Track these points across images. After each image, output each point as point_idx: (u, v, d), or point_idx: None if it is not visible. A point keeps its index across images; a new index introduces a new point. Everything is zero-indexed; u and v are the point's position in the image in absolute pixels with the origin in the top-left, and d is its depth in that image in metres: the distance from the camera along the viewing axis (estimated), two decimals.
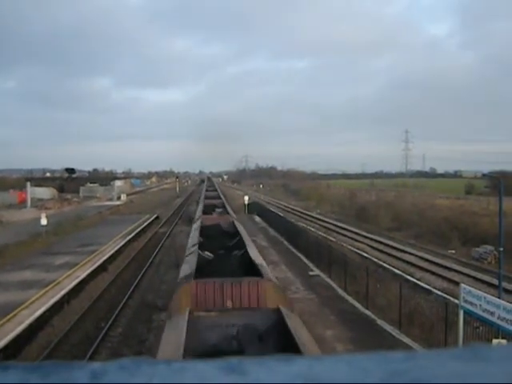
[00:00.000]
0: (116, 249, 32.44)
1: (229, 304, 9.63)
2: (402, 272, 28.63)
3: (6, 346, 15.40)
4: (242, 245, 15.37)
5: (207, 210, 30.82)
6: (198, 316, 8.56)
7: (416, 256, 34.95)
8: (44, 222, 38.06)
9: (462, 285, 15.10)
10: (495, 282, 23.79)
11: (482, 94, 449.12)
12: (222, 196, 54.04)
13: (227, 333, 8.40)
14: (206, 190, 67.01)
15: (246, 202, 60.22)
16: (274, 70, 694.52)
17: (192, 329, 7.67)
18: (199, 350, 7.72)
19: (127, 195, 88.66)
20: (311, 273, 25.70)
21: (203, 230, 18.64)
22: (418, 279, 27.00)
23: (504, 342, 12.31)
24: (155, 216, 54.97)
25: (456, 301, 15.67)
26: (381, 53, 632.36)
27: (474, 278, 27.98)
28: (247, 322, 8.58)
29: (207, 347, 8.07)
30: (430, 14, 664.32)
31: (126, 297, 22.46)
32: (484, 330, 14.70)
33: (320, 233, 43.21)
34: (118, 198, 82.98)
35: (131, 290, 23.72)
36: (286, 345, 7.55)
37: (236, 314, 8.92)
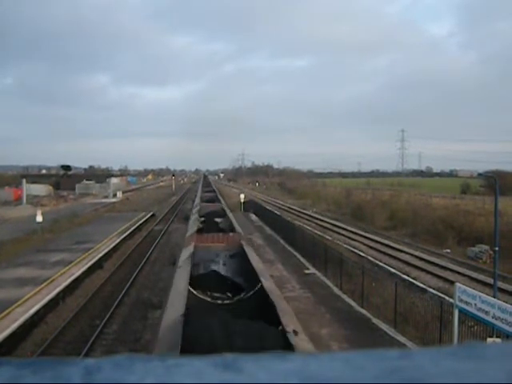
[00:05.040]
0: (111, 246, 32.39)
1: None
2: (398, 271, 28.67)
3: (1, 344, 15.37)
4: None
5: (204, 225, 22.55)
6: None
7: (411, 255, 35.03)
8: (39, 219, 38.05)
9: (457, 284, 15.14)
10: (490, 281, 23.86)
11: (479, 93, 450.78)
12: (221, 199, 45.56)
13: None
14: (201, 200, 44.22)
15: (242, 200, 60.25)
16: (274, 68, 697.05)
17: None
18: None
19: (123, 193, 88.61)
20: (307, 271, 25.72)
21: (196, 269, 12.74)
22: (413, 278, 27.04)
23: (499, 340, 12.34)
24: (151, 214, 54.92)
25: (451, 300, 15.71)
26: (380, 52, 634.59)
27: (469, 277, 28.04)
28: None
29: None
30: (430, 14, 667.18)
31: (122, 294, 22.42)
32: (479, 329, 14.75)
33: (316, 231, 43.25)
34: (114, 195, 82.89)
35: (127, 287, 23.69)
36: None
37: None
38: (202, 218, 23.47)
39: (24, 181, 71.45)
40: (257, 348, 6.02)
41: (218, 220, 23.76)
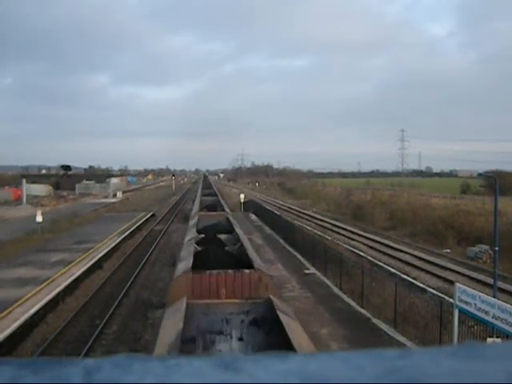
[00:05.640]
0: (111, 246, 32.38)
1: None
2: (398, 271, 28.67)
3: (1, 344, 15.37)
4: None
5: (202, 247, 16.03)
6: None
7: (411, 255, 35.02)
8: (39, 219, 37.99)
9: (457, 284, 15.14)
10: (490, 281, 23.86)
11: (479, 93, 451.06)
12: (225, 206, 35.32)
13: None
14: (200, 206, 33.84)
15: (242, 200, 60.46)
16: (273, 68, 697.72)
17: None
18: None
19: (123, 193, 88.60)
20: (307, 271, 25.73)
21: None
22: (413, 278, 27.04)
23: (499, 340, 12.34)
24: (151, 214, 54.90)
25: (451, 300, 15.71)
26: (380, 52, 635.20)
27: (469, 276, 28.03)
28: None
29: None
30: (430, 14, 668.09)
31: (122, 294, 22.42)
32: (479, 328, 14.75)
33: (316, 231, 43.25)
34: (114, 195, 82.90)
35: (126, 287, 23.68)
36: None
37: None
38: (201, 235, 18.05)
39: (24, 181, 71.39)
40: None
41: (222, 237, 18.44)
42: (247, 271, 10.38)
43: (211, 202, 36.11)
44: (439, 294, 22.18)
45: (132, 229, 41.25)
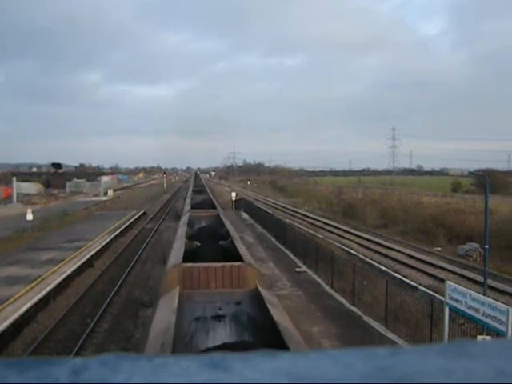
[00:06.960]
0: (103, 244, 32.27)
1: None
2: (389, 269, 28.75)
3: None
4: None
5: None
6: None
7: (402, 253, 35.12)
8: (30, 217, 37.84)
9: (448, 282, 15.20)
10: (480, 278, 23.97)
11: (471, 93, 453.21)
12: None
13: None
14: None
15: (234, 199, 60.48)
16: (266, 67, 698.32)
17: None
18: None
19: (114, 191, 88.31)
20: (298, 269, 25.76)
21: None
22: (404, 276, 27.13)
23: (489, 338, 12.41)
24: (142, 212, 54.75)
25: (442, 298, 15.77)
26: (372, 51, 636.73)
27: (460, 275, 28.16)
28: None
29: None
30: (422, 13, 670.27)
31: (113, 293, 22.36)
32: (469, 326, 14.82)
33: (307, 229, 43.30)
34: (105, 193, 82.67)
35: (118, 285, 23.62)
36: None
37: None
38: None
39: (14, 179, 70.92)
40: None
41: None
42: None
43: (209, 222, 19.52)
44: (430, 292, 22.28)
45: (123, 227, 41.13)
